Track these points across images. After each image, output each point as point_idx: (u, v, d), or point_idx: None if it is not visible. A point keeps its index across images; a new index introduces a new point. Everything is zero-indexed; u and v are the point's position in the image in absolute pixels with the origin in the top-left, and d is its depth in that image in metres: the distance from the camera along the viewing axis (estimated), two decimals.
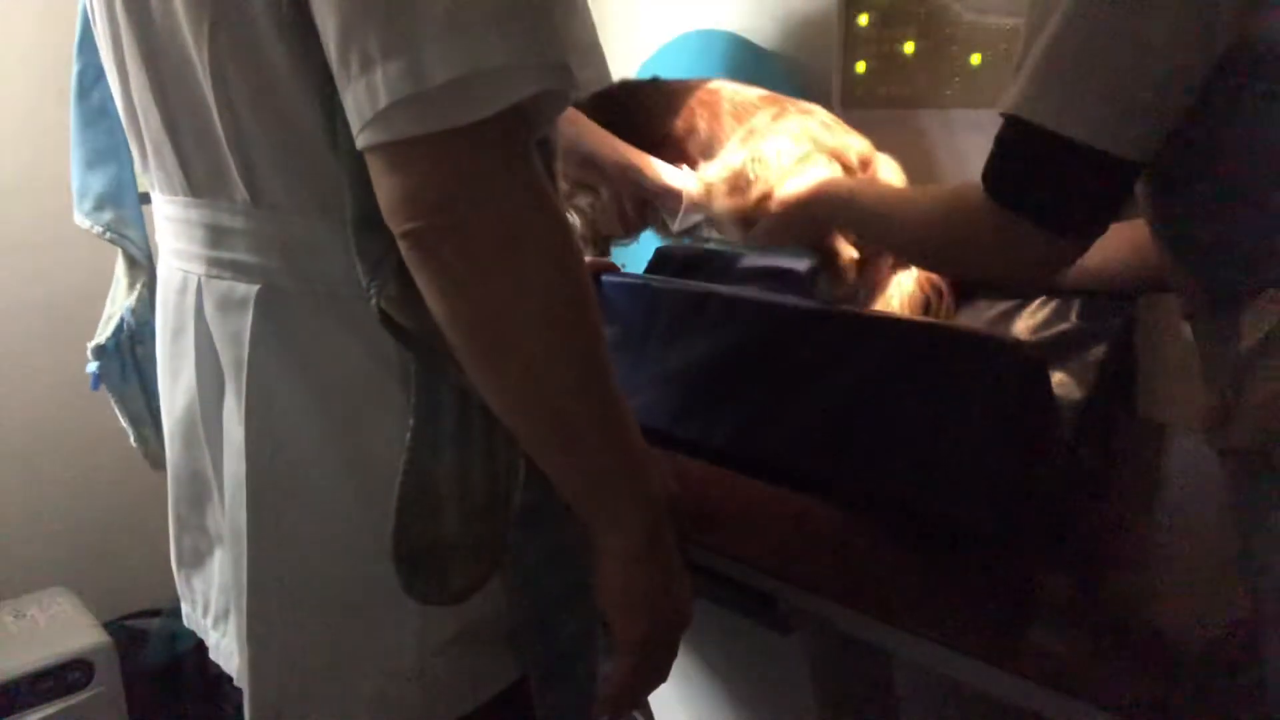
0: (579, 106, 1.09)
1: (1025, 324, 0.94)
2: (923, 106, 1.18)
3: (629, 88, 1.19)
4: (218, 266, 0.65)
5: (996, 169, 0.65)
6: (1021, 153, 0.64)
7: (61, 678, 1.53)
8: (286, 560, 0.64)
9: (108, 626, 1.63)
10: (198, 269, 0.67)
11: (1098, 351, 0.92)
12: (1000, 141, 0.65)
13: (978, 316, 0.95)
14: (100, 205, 0.83)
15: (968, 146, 1.15)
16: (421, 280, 0.53)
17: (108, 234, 0.83)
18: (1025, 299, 0.97)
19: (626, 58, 1.76)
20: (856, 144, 1.04)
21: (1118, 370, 0.95)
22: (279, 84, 0.57)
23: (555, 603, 0.68)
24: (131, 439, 0.90)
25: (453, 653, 0.65)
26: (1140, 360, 0.98)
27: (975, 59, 1.12)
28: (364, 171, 0.53)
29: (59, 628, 1.59)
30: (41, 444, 1.69)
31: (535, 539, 0.66)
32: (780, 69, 1.47)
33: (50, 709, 1.51)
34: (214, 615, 0.76)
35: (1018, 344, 0.77)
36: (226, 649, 0.75)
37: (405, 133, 0.49)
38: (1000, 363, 0.77)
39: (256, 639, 0.66)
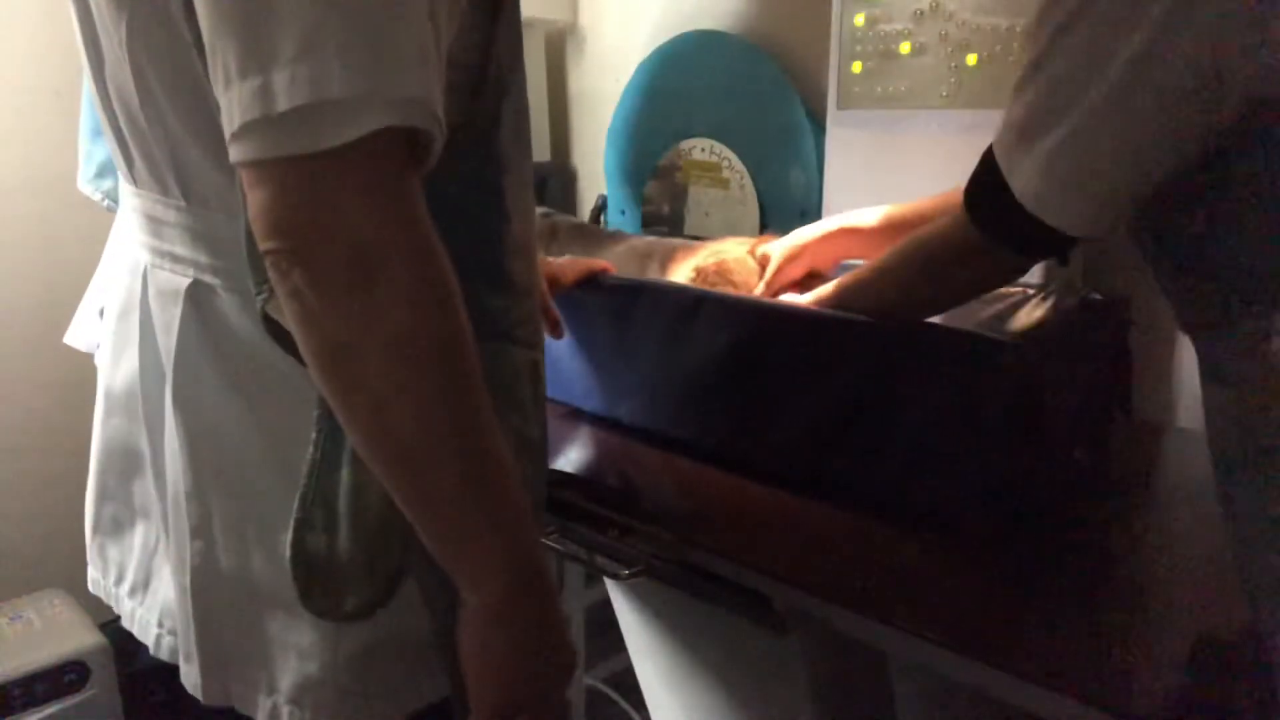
0: None
1: (1020, 324, 0.94)
2: (919, 107, 1.18)
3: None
4: (158, 256, 0.66)
5: (985, 211, 0.71)
6: (1008, 208, 0.67)
7: (58, 679, 1.53)
8: (221, 550, 0.65)
9: (104, 628, 1.62)
10: (145, 256, 0.68)
11: (1094, 352, 0.92)
12: (989, 191, 0.69)
13: (972, 317, 0.95)
14: (102, 173, 0.84)
15: (964, 147, 1.14)
16: (280, 302, 0.51)
17: (106, 201, 0.84)
18: (1021, 300, 0.97)
19: (623, 58, 1.75)
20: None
21: (1114, 370, 0.95)
22: (196, 82, 0.57)
23: None
24: None
25: (365, 665, 0.65)
26: (1136, 360, 0.98)
27: (972, 59, 1.12)
28: None
29: (55, 629, 1.59)
30: (37, 445, 1.69)
31: None
32: (776, 69, 1.48)
33: (46, 710, 1.51)
34: (130, 584, 0.77)
35: (1012, 344, 0.77)
36: (142, 619, 0.76)
37: (257, 154, 0.48)
38: (994, 363, 0.77)
39: (201, 621, 0.67)
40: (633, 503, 0.90)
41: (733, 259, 1.08)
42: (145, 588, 0.76)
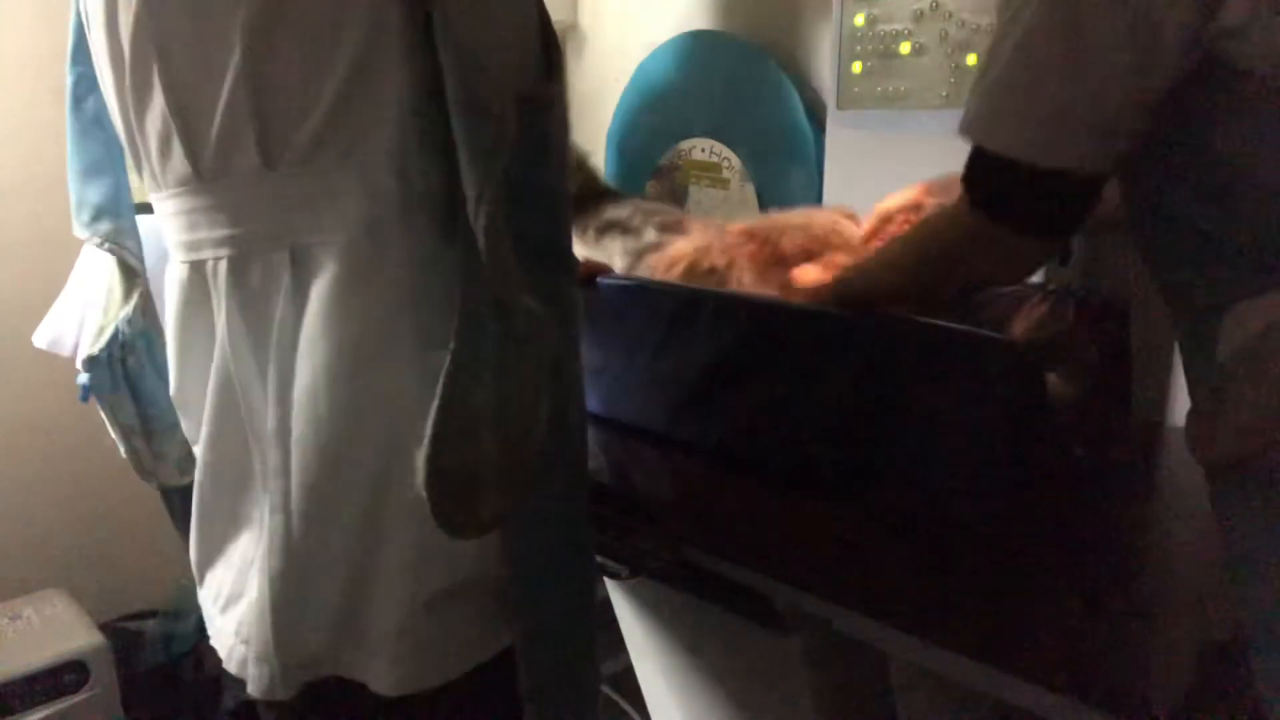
0: None
1: (1021, 324, 0.94)
2: (919, 107, 1.18)
3: None
4: (242, 243, 0.66)
5: (969, 180, 0.70)
6: (985, 167, 0.68)
7: (57, 679, 1.52)
8: (309, 510, 0.66)
9: (103, 628, 1.63)
10: (223, 251, 0.67)
11: (1093, 352, 0.92)
12: (971, 157, 0.70)
13: (973, 316, 0.95)
14: (98, 216, 0.83)
15: (964, 147, 1.15)
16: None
17: (106, 244, 0.83)
18: (1021, 300, 0.97)
19: (623, 58, 1.76)
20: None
21: (1113, 370, 0.95)
22: (321, 27, 0.59)
23: (551, 563, 0.70)
24: (122, 451, 0.90)
25: (443, 611, 0.66)
26: (1135, 360, 0.98)
27: (971, 59, 1.12)
28: (471, 57, 0.56)
29: (54, 629, 1.59)
30: (37, 445, 1.69)
31: (538, 494, 0.66)
32: (776, 69, 1.48)
33: (46, 710, 1.51)
34: (224, 601, 0.76)
35: (1012, 344, 0.77)
36: (222, 630, 0.75)
37: None
38: (994, 362, 0.77)
39: (277, 599, 0.67)
40: (633, 503, 0.91)
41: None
42: (237, 601, 0.74)
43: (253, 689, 0.70)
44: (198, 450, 0.76)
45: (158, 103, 0.66)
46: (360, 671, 0.68)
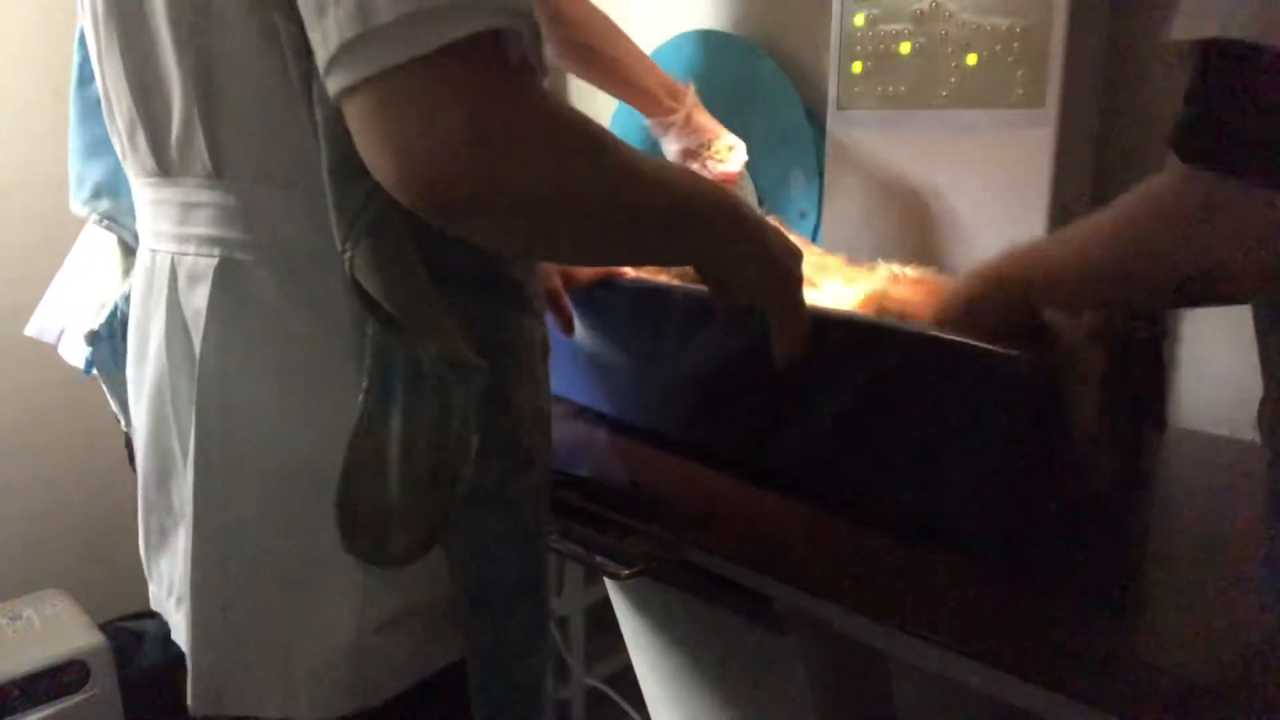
0: None
1: (1042, 340, 0.93)
2: (919, 107, 1.18)
3: None
4: (184, 242, 0.66)
5: (1188, 122, 0.52)
6: (1217, 90, 0.50)
7: (57, 679, 1.53)
8: (231, 535, 0.65)
9: (103, 628, 1.63)
10: (170, 247, 0.68)
11: (1123, 363, 0.90)
12: (1199, 75, 0.51)
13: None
14: (98, 194, 0.84)
15: (964, 148, 1.15)
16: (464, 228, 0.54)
17: (104, 222, 0.84)
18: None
19: None
20: None
21: (1144, 382, 0.92)
22: (249, 43, 0.57)
23: (505, 590, 0.69)
24: (122, 424, 0.91)
25: (392, 632, 0.65)
26: (1168, 371, 0.94)
27: (971, 59, 1.12)
28: (341, 117, 0.52)
29: (55, 629, 1.59)
30: (36, 445, 1.69)
31: (490, 522, 0.66)
32: (776, 70, 1.47)
33: (46, 710, 1.51)
34: (176, 596, 0.76)
35: (1025, 357, 0.75)
36: (179, 626, 0.75)
37: (361, 73, 0.48)
38: (1006, 374, 0.75)
39: (200, 615, 0.66)
40: (633, 503, 0.90)
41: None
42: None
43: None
44: (137, 440, 0.76)
45: (127, 93, 0.67)
46: (290, 708, 0.66)
